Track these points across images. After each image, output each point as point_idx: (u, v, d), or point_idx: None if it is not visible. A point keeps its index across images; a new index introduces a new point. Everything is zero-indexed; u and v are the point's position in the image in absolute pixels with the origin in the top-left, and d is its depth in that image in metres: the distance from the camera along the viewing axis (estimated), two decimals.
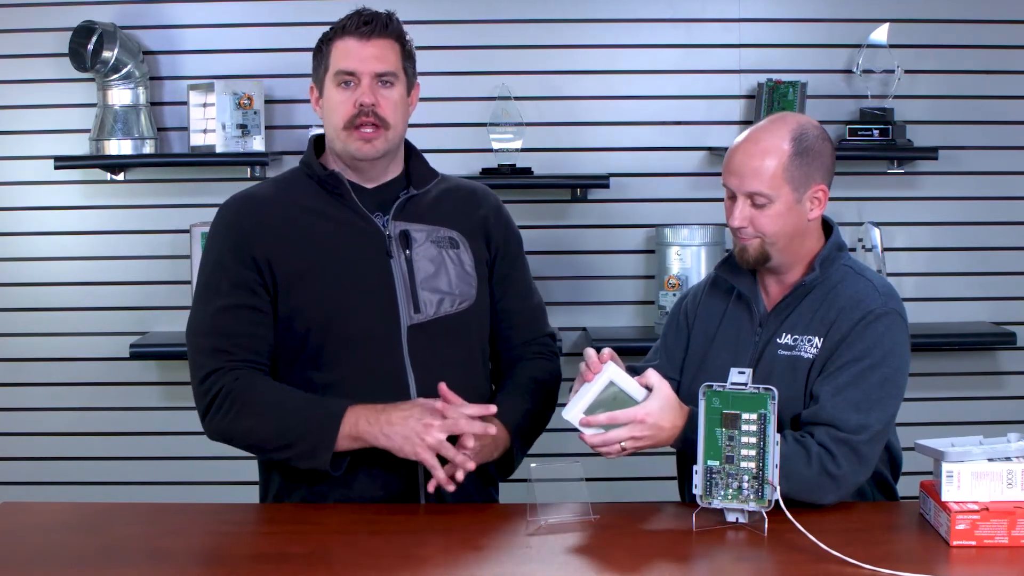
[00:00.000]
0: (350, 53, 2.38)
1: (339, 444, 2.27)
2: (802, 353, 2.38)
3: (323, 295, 2.37)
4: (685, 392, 2.47)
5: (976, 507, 2.08)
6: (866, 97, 3.89)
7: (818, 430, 2.28)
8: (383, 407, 2.28)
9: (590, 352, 2.29)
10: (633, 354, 2.90)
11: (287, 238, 2.38)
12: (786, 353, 2.39)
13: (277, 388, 2.35)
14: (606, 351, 2.29)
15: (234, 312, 2.36)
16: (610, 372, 2.27)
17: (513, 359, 2.55)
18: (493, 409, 2.32)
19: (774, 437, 2.13)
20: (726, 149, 3.78)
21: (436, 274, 2.42)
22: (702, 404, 2.16)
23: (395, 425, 2.25)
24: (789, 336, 2.40)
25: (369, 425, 2.26)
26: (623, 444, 2.24)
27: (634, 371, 2.56)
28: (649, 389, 2.27)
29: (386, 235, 2.41)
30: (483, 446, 2.33)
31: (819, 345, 2.37)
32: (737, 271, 2.49)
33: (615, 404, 2.26)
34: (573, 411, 2.26)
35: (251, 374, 2.34)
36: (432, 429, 2.24)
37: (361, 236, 2.40)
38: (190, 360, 2.41)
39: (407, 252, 2.41)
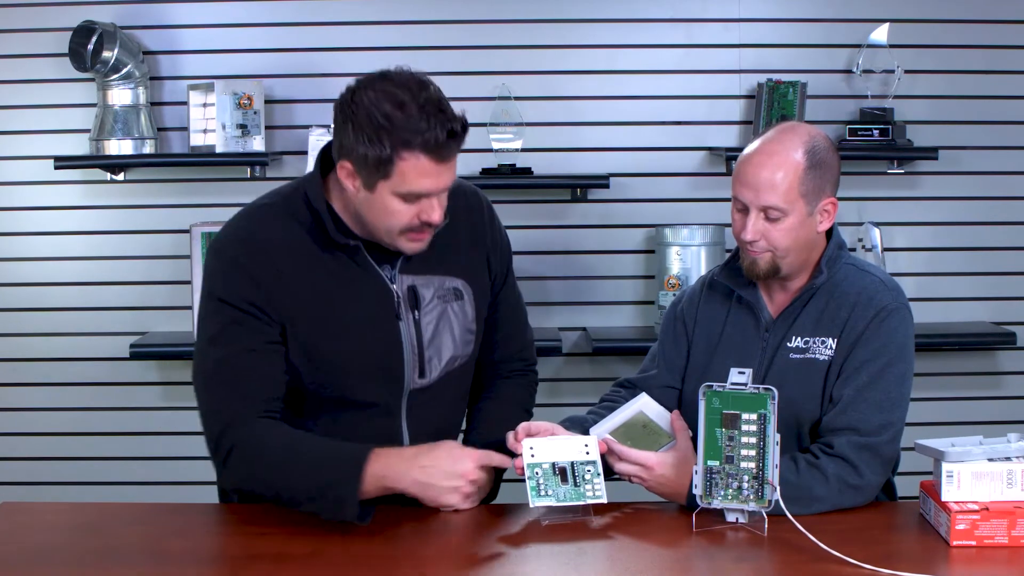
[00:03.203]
0: (426, 175, 2.13)
1: (365, 492, 2.15)
2: (816, 355, 2.38)
3: (331, 357, 2.26)
4: (688, 400, 2.47)
5: (976, 507, 2.08)
6: (866, 97, 3.89)
7: (839, 439, 2.29)
8: (411, 455, 2.20)
9: (508, 437, 2.29)
10: (633, 354, 2.92)
11: (299, 291, 2.23)
12: (798, 356, 2.39)
13: (296, 437, 2.22)
14: (521, 427, 2.29)
15: (252, 356, 2.22)
16: (642, 403, 2.37)
17: (494, 372, 2.50)
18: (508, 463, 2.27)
19: (774, 437, 2.13)
20: (726, 149, 3.86)
21: (441, 334, 2.33)
22: (702, 404, 2.16)
23: (430, 474, 2.18)
24: (799, 339, 2.40)
25: (400, 475, 2.17)
26: (630, 477, 2.31)
27: (631, 384, 2.58)
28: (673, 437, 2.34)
29: (395, 294, 2.29)
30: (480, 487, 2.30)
31: (833, 346, 2.37)
32: (738, 277, 2.48)
33: (643, 432, 2.34)
34: (600, 429, 2.34)
35: (267, 424, 2.22)
36: (467, 461, 2.20)
37: (371, 297, 2.28)
38: (204, 404, 2.25)
39: (415, 313, 2.31)
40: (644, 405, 2.37)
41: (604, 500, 2.23)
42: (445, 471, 2.19)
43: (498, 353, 2.48)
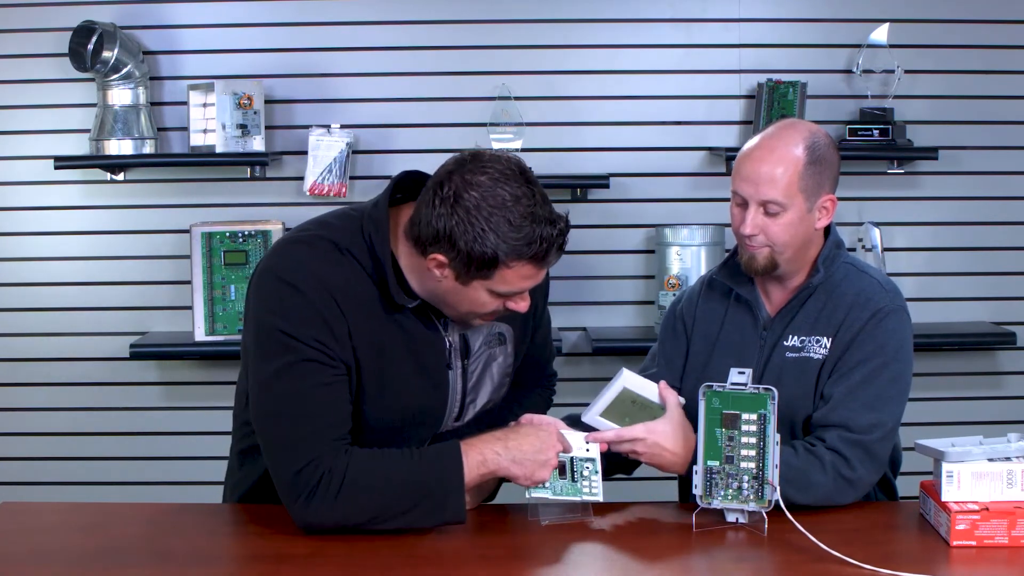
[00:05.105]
0: (528, 278, 2.13)
1: (467, 483, 2.14)
2: (811, 354, 2.38)
3: (381, 404, 2.23)
4: (688, 399, 2.47)
5: (976, 507, 2.08)
6: (866, 97, 3.89)
7: (830, 433, 2.29)
8: (499, 437, 2.19)
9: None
10: (633, 354, 2.91)
11: (359, 340, 2.18)
12: (794, 355, 2.40)
13: (380, 454, 2.16)
14: (523, 418, 2.30)
15: (325, 390, 2.15)
16: (624, 378, 2.33)
17: (516, 385, 2.48)
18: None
19: (774, 437, 2.14)
20: (726, 149, 3.86)
21: (483, 380, 2.33)
22: (702, 404, 2.17)
23: (525, 452, 2.17)
24: (796, 338, 2.41)
25: (498, 456, 2.16)
26: (627, 453, 2.30)
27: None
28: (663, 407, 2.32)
29: (447, 344, 2.26)
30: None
31: (828, 346, 2.37)
32: (737, 275, 2.49)
33: (633, 407, 2.31)
34: (590, 413, 2.32)
35: (349, 450, 2.14)
36: (551, 436, 2.20)
37: (426, 348, 2.24)
38: (275, 441, 2.15)
39: (464, 362, 2.29)
40: (626, 380, 2.33)
41: (600, 499, 2.22)
42: (536, 447, 2.18)
43: (523, 374, 2.47)
